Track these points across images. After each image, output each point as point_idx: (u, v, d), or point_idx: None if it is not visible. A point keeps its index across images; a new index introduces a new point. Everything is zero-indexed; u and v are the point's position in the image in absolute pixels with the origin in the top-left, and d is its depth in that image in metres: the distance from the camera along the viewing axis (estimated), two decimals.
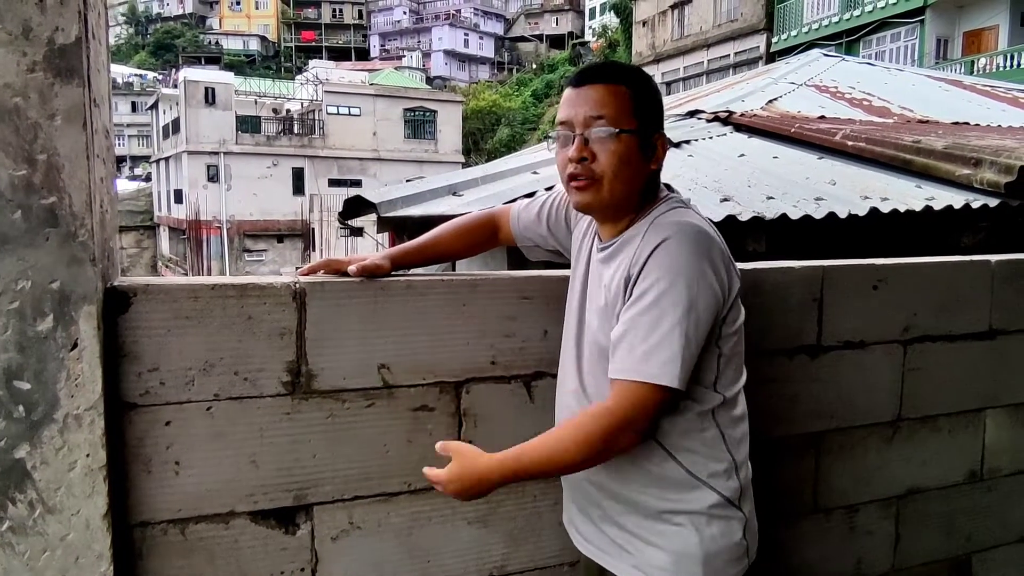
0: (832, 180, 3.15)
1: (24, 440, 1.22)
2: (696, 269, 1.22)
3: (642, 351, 1.22)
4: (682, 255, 1.22)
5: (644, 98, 1.32)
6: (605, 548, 1.41)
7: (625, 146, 1.29)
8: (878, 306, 1.99)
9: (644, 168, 1.33)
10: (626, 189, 1.32)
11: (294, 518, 1.49)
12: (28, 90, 1.17)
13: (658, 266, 1.23)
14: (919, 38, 22.17)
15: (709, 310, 1.23)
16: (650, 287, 1.22)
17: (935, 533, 2.16)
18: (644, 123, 1.31)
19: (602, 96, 1.30)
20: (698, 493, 1.32)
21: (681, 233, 1.24)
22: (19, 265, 1.20)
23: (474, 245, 1.67)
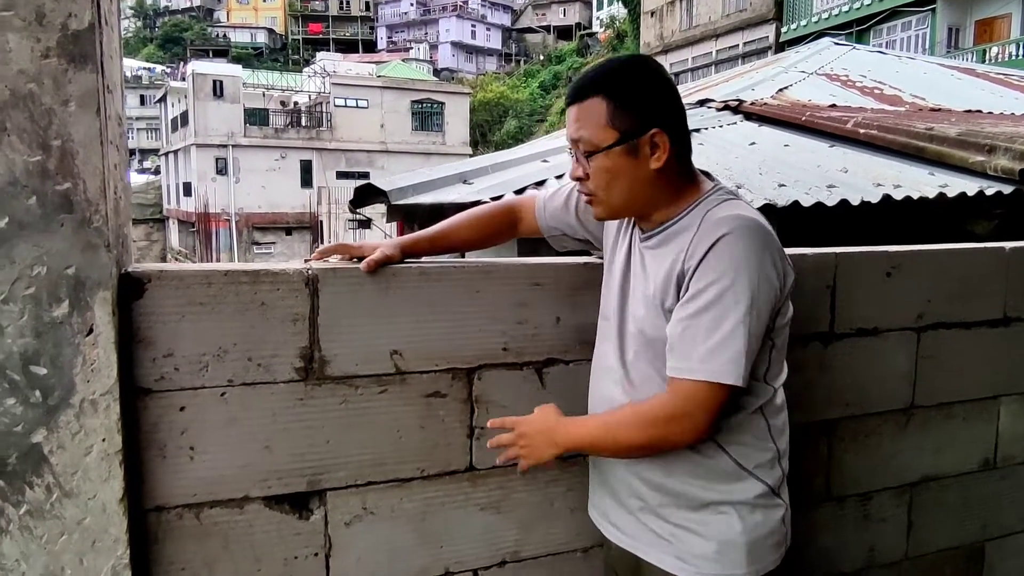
0: (844, 168, 3.13)
1: (41, 425, 1.23)
2: (756, 265, 1.20)
3: (705, 349, 1.20)
4: (743, 251, 1.20)
5: (626, 101, 1.26)
6: (644, 539, 1.39)
7: (608, 163, 1.28)
8: (892, 293, 1.97)
9: (641, 172, 1.29)
10: (629, 197, 1.31)
11: (308, 503, 1.49)
12: (42, 76, 1.18)
13: (718, 262, 1.20)
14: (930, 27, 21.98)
15: (768, 305, 1.23)
16: (710, 284, 1.21)
17: (949, 521, 2.15)
18: (628, 129, 1.26)
19: (579, 116, 1.29)
20: (745, 484, 1.32)
21: (741, 228, 1.22)
22: (35, 251, 1.20)
23: (491, 236, 1.63)
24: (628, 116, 1.26)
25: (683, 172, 1.33)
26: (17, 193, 1.18)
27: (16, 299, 1.20)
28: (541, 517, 1.68)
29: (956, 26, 22.13)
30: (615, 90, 1.27)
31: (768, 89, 4.87)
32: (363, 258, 1.48)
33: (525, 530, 1.67)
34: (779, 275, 1.24)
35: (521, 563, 1.68)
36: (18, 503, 1.23)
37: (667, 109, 1.30)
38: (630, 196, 1.31)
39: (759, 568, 1.33)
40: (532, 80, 53.09)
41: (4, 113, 1.16)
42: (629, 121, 1.26)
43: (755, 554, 1.32)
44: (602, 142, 1.27)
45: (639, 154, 1.27)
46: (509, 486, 1.64)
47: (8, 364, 1.20)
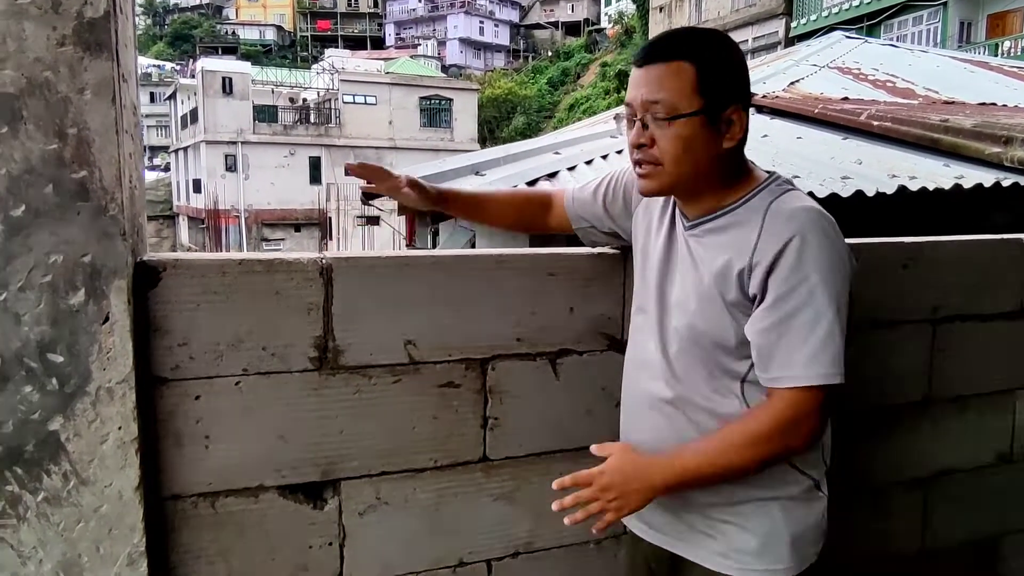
0: (858, 159, 3.10)
1: (58, 412, 1.24)
2: (837, 259, 1.18)
3: (807, 354, 1.17)
4: (823, 247, 1.17)
5: (714, 71, 1.21)
6: (683, 536, 1.36)
7: (687, 131, 1.21)
8: (907, 285, 1.96)
9: (714, 148, 1.23)
10: (692, 173, 1.24)
11: (322, 493, 1.49)
12: (58, 64, 1.18)
13: (801, 261, 1.16)
14: (942, 21, 21.82)
15: (847, 298, 1.20)
16: (798, 284, 1.17)
17: (964, 515, 2.13)
18: (712, 99, 1.21)
19: (661, 77, 1.21)
20: (792, 479, 1.30)
21: (815, 224, 1.18)
22: (51, 239, 1.20)
23: (523, 218, 1.61)
24: (715, 87, 1.21)
25: (741, 158, 1.29)
26: (34, 181, 1.19)
27: (33, 287, 1.20)
28: None
29: (968, 20, 21.96)
30: (705, 57, 1.21)
31: (780, 82, 4.83)
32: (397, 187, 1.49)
33: (538, 521, 1.66)
34: (853, 267, 1.23)
35: (534, 554, 1.68)
36: (35, 490, 1.24)
37: (745, 88, 1.27)
38: (696, 171, 1.24)
39: (802, 562, 1.30)
40: (540, 76, 53.02)
41: (21, 101, 1.16)
42: (715, 92, 1.21)
43: (799, 548, 1.30)
44: (686, 108, 1.20)
45: (716, 129, 1.22)
46: (522, 477, 1.64)
47: (25, 351, 1.21)
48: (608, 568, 1.74)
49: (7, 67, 1.15)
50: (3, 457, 1.22)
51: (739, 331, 1.25)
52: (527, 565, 1.67)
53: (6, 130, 1.16)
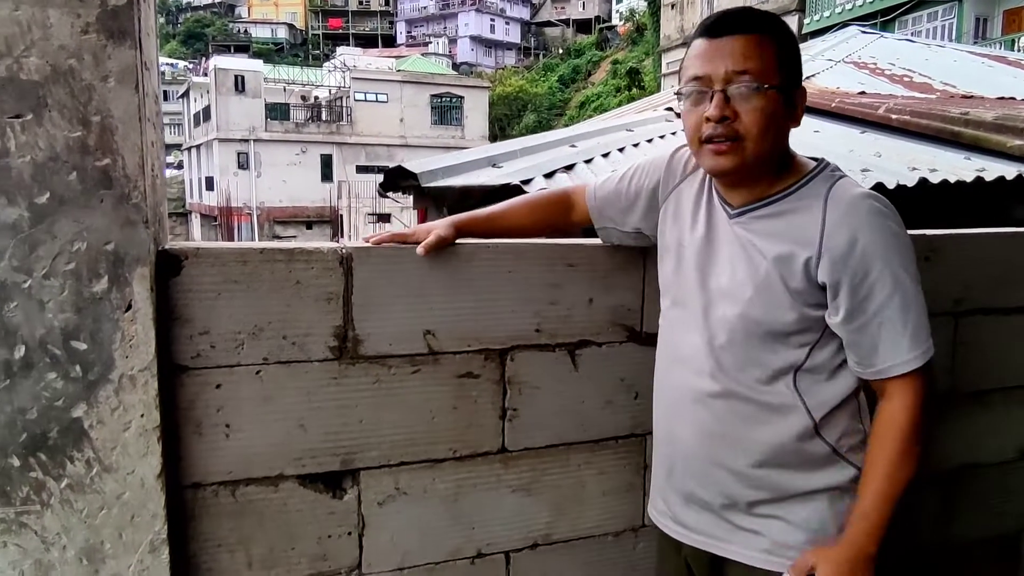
0: (877, 152, 3.07)
1: (81, 400, 1.24)
2: (905, 238, 1.22)
3: (910, 338, 1.21)
4: (892, 231, 1.20)
5: (789, 50, 1.24)
6: (727, 536, 1.34)
7: (772, 103, 1.20)
8: (929, 278, 1.90)
9: (787, 126, 1.26)
10: (770, 150, 1.23)
11: (341, 482, 1.49)
12: (82, 52, 1.18)
13: (878, 246, 1.19)
14: (957, 17, 21.60)
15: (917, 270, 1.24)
16: (883, 270, 1.19)
17: (987, 510, 2.11)
18: (788, 78, 1.23)
19: (746, 47, 1.19)
20: (838, 468, 1.29)
21: (880, 211, 1.21)
22: (75, 226, 1.21)
23: (545, 222, 1.59)
24: (791, 63, 1.24)
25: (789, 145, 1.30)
26: (58, 169, 1.19)
27: (57, 274, 1.20)
28: (573, 500, 1.67)
29: (984, 16, 21.73)
30: (784, 36, 1.24)
31: None
32: (419, 243, 1.45)
33: (557, 513, 1.66)
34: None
35: (552, 546, 1.67)
36: (59, 477, 1.25)
37: (801, 75, 1.29)
38: (773, 148, 1.24)
39: None
40: (551, 74, 52.94)
41: (45, 89, 1.17)
42: (792, 69, 1.24)
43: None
44: (775, 80, 1.20)
45: (789, 106, 1.24)
46: (541, 468, 1.63)
47: (49, 339, 1.21)
48: (626, 560, 1.73)
49: (32, 55, 1.16)
50: (27, 444, 1.22)
51: (801, 319, 1.25)
52: (545, 557, 1.66)
53: (31, 117, 1.17)
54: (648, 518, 1.74)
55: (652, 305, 1.66)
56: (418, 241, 1.46)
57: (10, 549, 1.24)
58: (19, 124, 1.16)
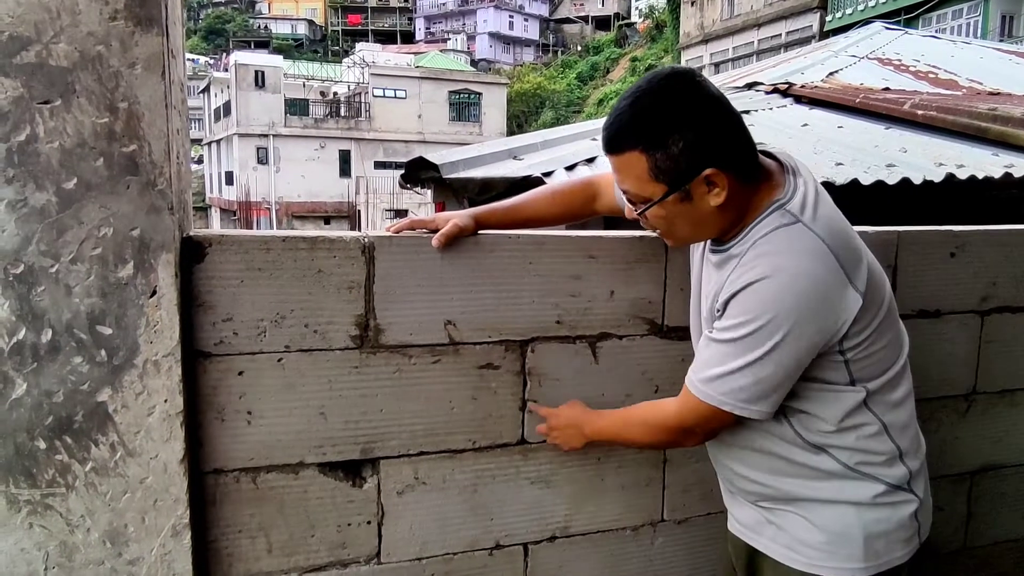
0: (903, 148, 3.03)
1: (106, 384, 1.25)
2: (788, 317, 1.14)
3: (711, 373, 1.22)
4: (775, 301, 1.14)
5: (667, 152, 1.15)
6: (757, 528, 1.36)
7: (663, 211, 1.22)
8: (955, 274, 1.91)
9: (703, 209, 1.20)
10: (696, 232, 1.27)
11: (361, 471, 1.50)
12: (110, 38, 1.19)
13: (744, 305, 1.17)
14: (982, 15, 21.27)
15: (803, 349, 1.17)
16: (736, 325, 1.18)
17: (1010, 512, 2.08)
18: (676, 178, 1.17)
19: (620, 168, 1.22)
20: (859, 483, 1.26)
21: (779, 273, 1.15)
22: (101, 212, 1.22)
23: (569, 211, 1.58)
24: (673, 166, 1.16)
25: (750, 186, 1.22)
26: (85, 155, 1.20)
27: (84, 259, 1.22)
28: (592, 493, 1.66)
29: (1010, 13, 21.37)
30: (652, 140, 1.16)
31: (818, 73, 4.75)
32: (437, 230, 1.46)
33: (575, 506, 1.65)
34: (830, 319, 1.16)
35: (571, 539, 1.67)
36: (84, 460, 1.26)
37: (717, 138, 1.17)
38: (697, 231, 1.27)
39: (881, 564, 1.27)
40: (569, 71, 52.76)
41: (73, 75, 1.18)
42: (675, 171, 1.17)
43: (875, 549, 1.26)
44: (651, 196, 1.20)
45: (694, 197, 1.19)
46: (560, 460, 1.63)
47: (75, 323, 1.22)
48: (645, 554, 1.72)
49: (61, 41, 1.17)
50: (53, 427, 1.24)
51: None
52: (563, 549, 1.66)
53: (59, 103, 1.18)
54: (667, 513, 1.74)
55: (674, 298, 1.65)
56: (437, 229, 1.46)
57: (36, 530, 1.25)
58: (48, 110, 1.17)
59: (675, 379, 1.65)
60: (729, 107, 1.21)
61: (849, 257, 1.19)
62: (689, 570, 1.77)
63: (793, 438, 1.27)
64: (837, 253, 1.17)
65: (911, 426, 1.32)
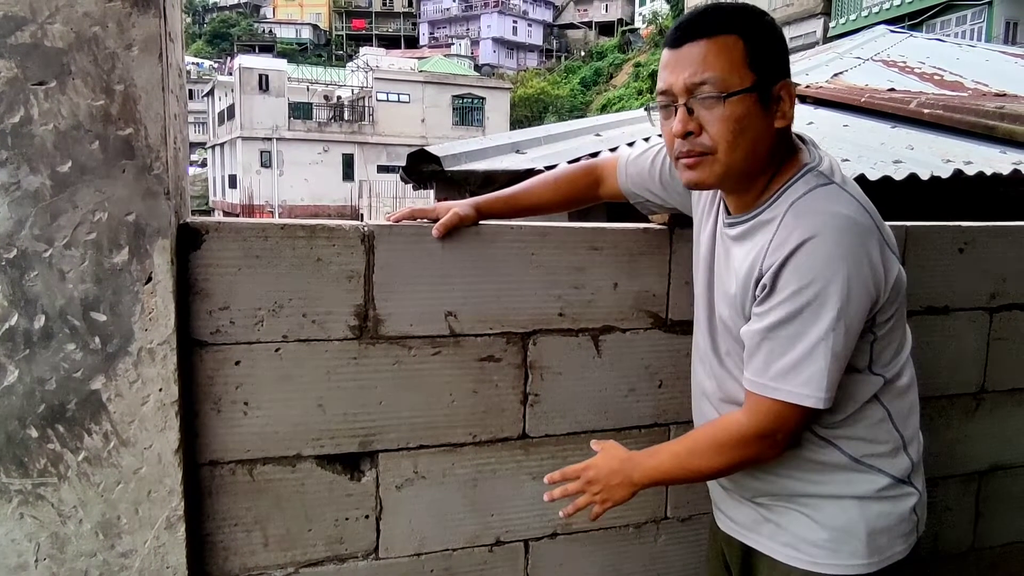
0: (910, 145, 3.01)
1: (100, 372, 1.23)
2: (847, 273, 1.07)
3: (781, 366, 1.11)
4: (832, 258, 1.06)
5: (762, 43, 1.12)
6: (754, 527, 1.31)
7: (741, 110, 1.11)
8: (964, 271, 1.88)
9: (768, 128, 1.14)
10: (748, 159, 1.14)
11: (359, 464, 1.47)
12: (106, 19, 1.17)
13: (801, 271, 1.07)
14: (986, 21, 21.26)
15: (861, 314, 1.10)
16: (793, 294, 1.08)
17: (1019, 512, 2.05)
18: (763, 74, 1.11)
19: (706, 54, 1.11)
20: (865, 476, 1.23)
21: (830, 229, 1.07)
22: (96, 196, 1.20)
23: (572, 198, 1.54)
24: (765, 59, 1.12)
25: (787, 142, 1.19)
26: (80, 137, 1.18)
27: (78, 244, 1.20)
28: None
29: (1014, 20, 21.35)
30: (753, 30, 1.12)
31: (823, 74, 4.72)
32: (438, 219, 1.44)
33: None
34: (877, 279, 1.10)
35: (572, 536, 1.64)
36: (76, 449, 1.24)
37: (787, 65, 1.17)
38: (752, 155, 1.14)
39: (883, 559, 1.23)
40: (573, 76, 52.87)
41: (69, 56, 1.16)
42: (766, 65, 1.12)
43: (878, 545, 1.23)
44: (738, 84, 1.10)
45: (769, 106, 1.13)
46: (561, 455, 1.60)
47: (69, 309, 1.20)
48: (647, 552, 1.70)
49: (56, 21, 1.15)
50: (45, 415, 1.21)
51: None
52: (565, 546, 1.63)
53: (54, 84, 1.16)
54: (671, 510, 1.71)
55: (678, 291, 1.63)
56: (438, 218, 1.44)
57: (27, 521, 1.23)
58: (42, 91, 1.16)
59: (678, 374, 1.63)
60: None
61: (883, 224, 1.17)
62: (692, 568, 1.74)
63: (806, 434, 1.23)
64: (873, 215, 1.14)
65: (913, 415, 1.30)
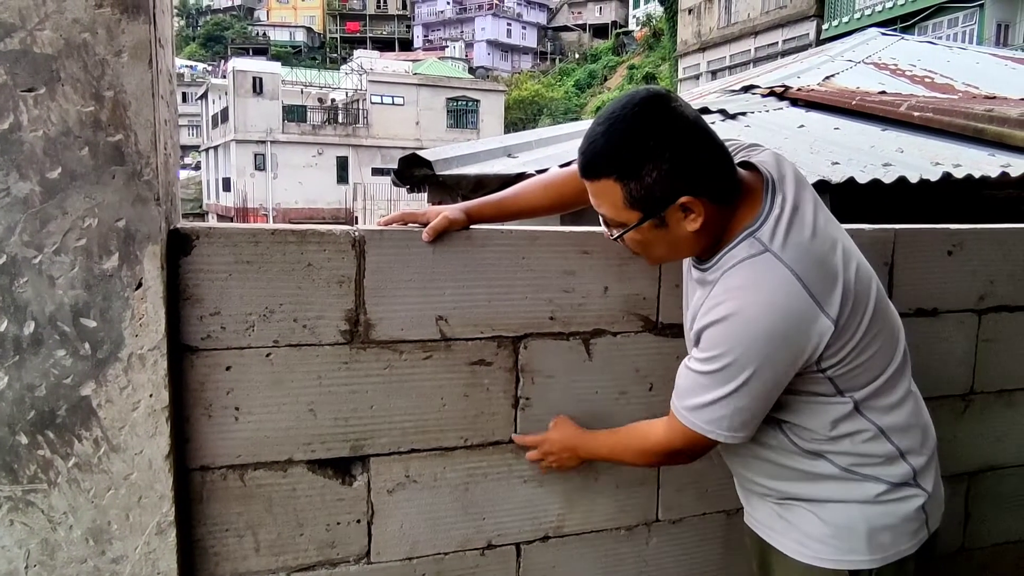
0: (899, 148, 3.03)
1: (90, 378, 1.23)
2: (759, 355, 1.15)
3: (693, 403, 1.23)
4: (742, 338, 1.15)
5: (641, 182, 1.14)
6: (767, 522, 1.38)
7: (640, 236, 1.21)
8: (953, 273, 1.89)
9: (679, 234, 1.20)
10: (672, 255, 1.28)
11: (351, 469, 1.47)
12: (96, 25, 1.17)
13: (714, 340, 1.18)
14: (978, 23, 21.37)
15: (775, 379, 1.19)
16: (709, 358, 1.19)
17: (1008, 513, 2.06)
18: (651, 207, 1.16)
19: (595, 193, 1.20)
20: (858, 484, 1.27)
21: (746, 310, 1.15)
22: (86, 202, 1.20)
23: (561, 201, 1.54)
24: (647, 195, 1.15)
25: (728, 208, 1.21)
26: (70, 143, 1.18)
27: (68, 250, 1.20)
28: (585, 492, 1.64)
29: (1005, 22, 21.47)
30: (626, 169, 1.14)
31: (814, 77, 4.75)
32: (428, 224, 1.44)
33: (568, 505, 1.63)
34: (796, 352, 1.16)
35: (564, 539, 1.64)
36: (67, 455, 1.23)
37: (693, 165, 1.15)
38: (673, 253, 1.28)
39: (887, 556, 1.27)
40: (567, 78, 52.95)
41: (58, 62, 1.16)
42: (650, 200, 1.16)
43: (880, 542, 1.27)
44: (626, 222, 1.19)
45: (670, 223, 1.19)
46: None
47: (59, 315, 1.20)
48: (639, 555, 1.70)
49: (46, 28, 1.15)
50: (35, 421, 1.21)
51: None
52: (557, 549, 1.63)
53: (44, 91, 1.16)
54: (662, 513, 1.71)
55: (668, 295, 1.64)
56: (428, 222, 1.44)
57: (16, 527, 1.23)
58: (32, 98, 1.16)
59: (669, 376, 1.62)
60: (706, 131, 1.18)
61: (821, 282, 1.16)
62: (684, 571, 1.75)
63: (790, 446, 1.29)
64: (807, 280, 1.15)
65: (914, 425, 1.31)
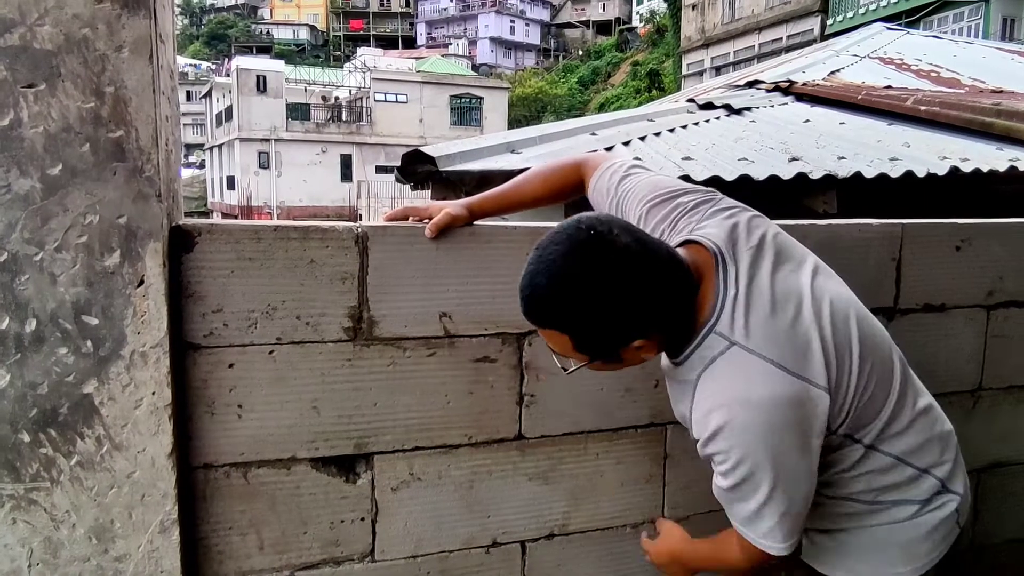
0: (906, 143, 3.00)
1: (92, 376, 1.22)
2: (770, 453, 1.10)
3: (744, 517, 1.17)
4: (744, 447, 1.10)
5: (587, 331, 1.10)
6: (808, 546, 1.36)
7: (594, 369, 1.20)
8: (961, 268, 1.88)
9: (636, 361, 1.19)
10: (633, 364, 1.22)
11: (354, 467, 1.46)
12: (96, 21, 1.16)
13: (720, 455, 1.12)
14: (983, 18, 21.26)
15: (804, 466, 1.14)
16: (727, 472, 1.13)
17: (1018, 511, 2.04)
18: (599, 351, 1.14)
19: (543, 334, 1.15)
20: (889, 511, 1.25)
21: (737, 418, 1.09)
22: (87, 199, 1.19)
23: (562, 192, 1.52)
24: (595, 343, 1.13)
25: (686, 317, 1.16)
26: (71, 140, 1.17)
27: (69, 247, 1.19)
28: (591, 490, 1.63)
29: (1011, 17, 21.35)
30: (572, 324, 1.09)
31: (819, 72, 4.72)
32: (431, 219, 1.43)
33: (574, 502, 1.62)
34: (806, 434, 1.12)
35: (569, 537, 1.63)
36: (69, 454, 1.23)
37: (642, 307, 1.09)
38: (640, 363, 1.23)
39: (923, 564, 1.26)
40: (571, 75, 52.83)
41: (59, 58, 1.15)
42: (600, 348, 1.14)
43: (916, 552, 1.26)
44: (579, 360, 1.17)
45: (625, 357, 1.17)
46: (557, 456, 1.60)
47: (60, 313, 1.20)
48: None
49: (46, 23, 1.14)
50: (37, 419, 1.21)
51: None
52: (562, 547, 1.63)
53: (44, 87, 1.15)
54: (668, 511, 1.70)
55: None
56: (431, 218, 1.43)
57: (19, 526, 1.22)
58: (32, 94, 1.15)
59: None
60: (654, 260, 1.10)
61: (797, 356, 1.12)
62: None
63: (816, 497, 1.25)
64: (783, 361, 1.11)
65: (930, 439, 1.27)
